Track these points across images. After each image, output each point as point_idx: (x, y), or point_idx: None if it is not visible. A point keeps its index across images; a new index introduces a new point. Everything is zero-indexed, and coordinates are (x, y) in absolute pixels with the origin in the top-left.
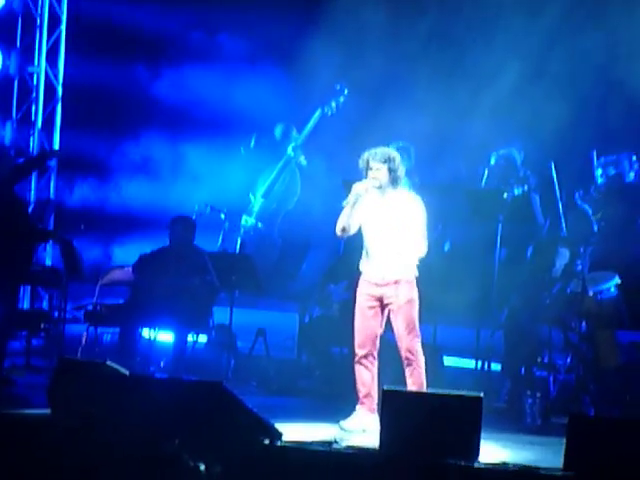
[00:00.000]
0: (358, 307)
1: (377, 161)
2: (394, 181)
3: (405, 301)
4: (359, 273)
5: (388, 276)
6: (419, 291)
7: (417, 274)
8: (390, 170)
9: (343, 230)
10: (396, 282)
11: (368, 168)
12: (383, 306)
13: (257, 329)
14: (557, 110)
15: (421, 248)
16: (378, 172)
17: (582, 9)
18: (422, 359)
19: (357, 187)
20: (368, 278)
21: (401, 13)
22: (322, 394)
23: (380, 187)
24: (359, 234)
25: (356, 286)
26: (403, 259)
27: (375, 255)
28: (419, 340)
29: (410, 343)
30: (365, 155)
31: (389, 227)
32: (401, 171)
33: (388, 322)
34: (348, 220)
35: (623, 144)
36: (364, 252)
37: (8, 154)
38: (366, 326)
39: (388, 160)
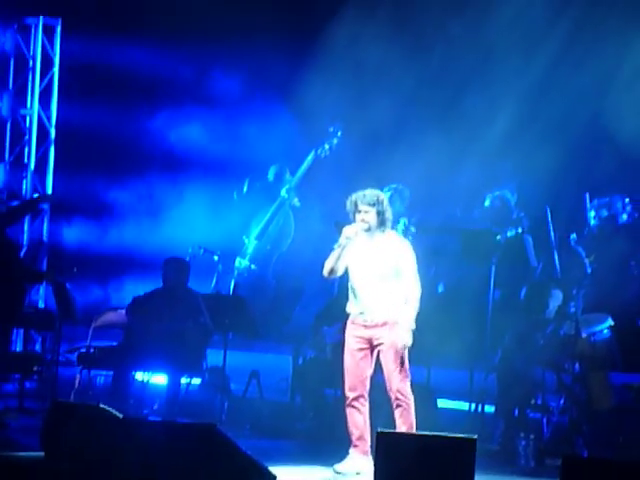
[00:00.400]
0: (347, 349)
1: (365, 204)
2: (382, 223)
3: (394, 341)
4: (347, 315)
5: (377, 318)
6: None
7: None
8: (378, 213)
9: (330, 272)
10: (384, 324)
11: (356, 211)
12: (372, 347)
13: (251, 371)
14: (550, 152)
15: (415, 289)
16: (367, 215)
17: (574, 54)
18: (412, 400)
19: (347, 230)
20: (356, 320)
21: (396, 56)
22: (316, 436)
23: (369, 230)
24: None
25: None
26: (391, 301)
27: (363, 297)
28: (409, 381)
29: (400, 384)
30: (353, 197)
31: (377, 270)
32: (389, 213)
33: (377, 363)
34: (336, 262)
35: (615, 186)
36: (351, 294)
37: (0, 197)
38: (356, 368)
39: (376, 203)
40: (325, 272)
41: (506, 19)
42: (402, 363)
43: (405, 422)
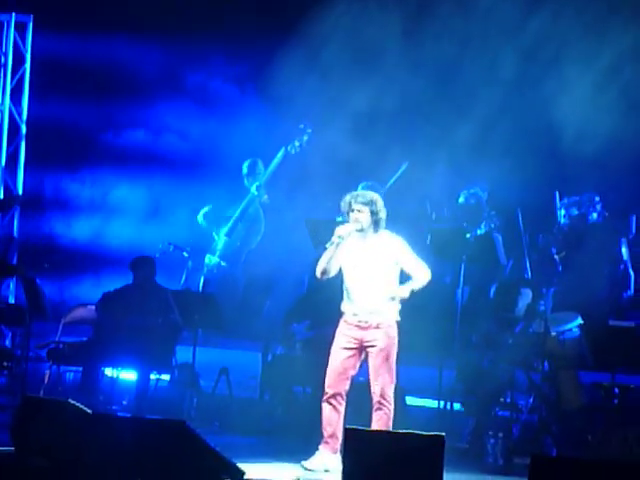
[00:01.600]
0: (335, 346)
1: (359, 203)
2: (376, 224)
3: (385, 345)
4: (340, 313)
5: (370, 319)
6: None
7: (399, 318)
8: (372, 212)
9: (324, 272)
10: (378, 326)
11: (350, 210)
12: (362, 349)
13: (220, 368)
14: (521, 151)
15: (427, 271)
16: (360, 214)
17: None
18: (392, 407)
19: (339, 230)
20: (349, 320)
21: (364, 55)
22: (284, 433)
23: (362, 230)
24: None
25: (321, 325)
26: (386, 303)
27: (357, 298)
28: (393, 386)
29: (385, 388)
30: (347, 197)
31: (371, 270)
32: (383, 214)
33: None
34: (329, 262)
35: (585, 185)
36: (345, 294)
37: None
38: (340, 366)
39: (370, 203)
40: (318, 273)
41: (477, 22)
42: (392, 366)
43: (382, 427)
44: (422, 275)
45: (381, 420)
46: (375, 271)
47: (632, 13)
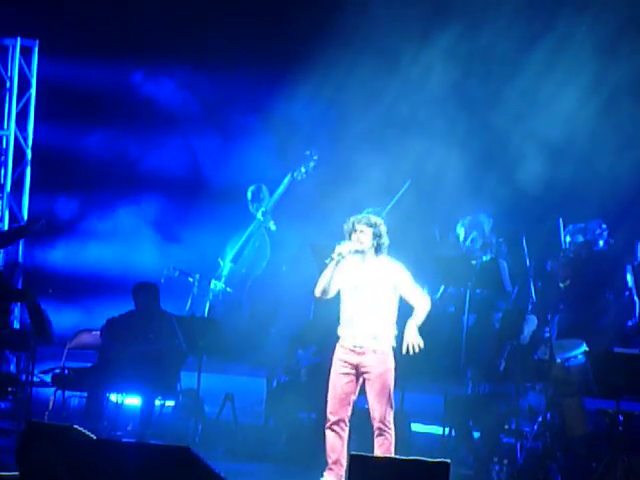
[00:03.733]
0: (333, 373)
1: (363, 224)
2: (377, 248)
3: (382, 371)
4: (336, 338)
5: (366, 345)
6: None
7: (395, 344)
8: (375, 235)
9: (323, 292)
10: (374, 351)
11: (353, 230)
12: (359, 374)
13: (225, 394)
14: (526, 176)
15: (426, 301)
16: (362, 235)
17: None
18: (393, 431)
19: (340, 247)
20: (346, 345)
21: (370, 79)
22: (289, 460)
23: (363, 251)
24: (331, 300)
25: (326, 351)
26: (382, 328)
27: (354, 322)
28: (392, 411)
29: (384, 414)
30: (352, 219)
31: (370, 295)
32: (385, 240)
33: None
34: (329, 282)
35: (591, 212)
36: (342, 318)
37: None
38: (340, 392)
39: (374, 225)
40: (317, 292)
41: (481, 50)
42: (389, 391)
43: (385, 453)
44: (422, 303)
45: (383, 445)
46: (374, 295)
47: None
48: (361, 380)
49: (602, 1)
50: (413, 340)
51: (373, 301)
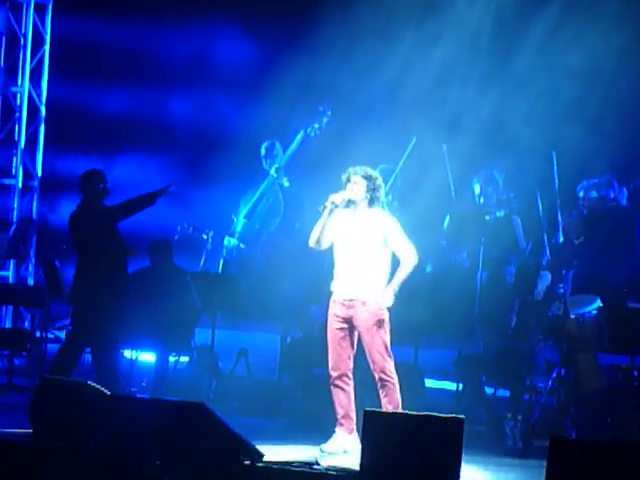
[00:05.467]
0: (329, 328)
1: (358, 175)
2: (371, 200)
3: (374, 322)
4: (329, 293)
5: (356, 296)
6: (398, 312)
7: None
8: (368, 187)
9: (317, 242)
10: (364, 303)
11: (348, 181)
12: (352, 326)
13: (239, 350)
14: (540, 132)
15: (413, 253)
16: (356, 186)
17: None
18: (396, 379)
19: (333, 196)
20: (337, 298)
21: (384, 35)
22: (303, 415)
23: (355, 202)
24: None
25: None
26: (373, 280)
27: (345, 275)
28: (392, 360)
29: (383, 364)
30: (349, 169)
31: (360, 246)
32: (380, 194)
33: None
34: (322, 232)
35: (603, 166)
36: (335, 271)
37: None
38: (337, 347)
39: (369, 178)
40: (311, 242)
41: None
42: (384, 342)
43: (391, 401)
44: (409, 258)
45: (388, 395)
46: (363, 245)
47: None
48: (357, 333)
49: None
50: (386, 300)
51: (363, 252)
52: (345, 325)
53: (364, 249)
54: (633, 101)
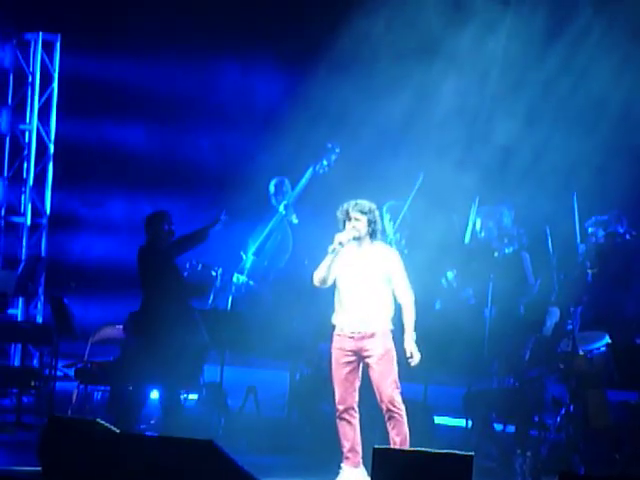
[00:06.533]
0: (334, 362)
1: (357, 211)
2: (372, 234)
3: (383, 352)
4: (332, 327)
5: (364, 329)
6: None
7: (392, 327)
8: (369, 222)
9: (322, 281)
10: (372, 335)
11: (347, 219)
12: (359, 359)
13: (247, 387)
14: (550, 167)
15: (410, 294)
16: (358, 222)
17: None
18: (404, 410)
19: (339, 236)
20: (343, 332)
21: (393, 70)
22: (313, 452)
23: (359, 238)
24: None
25: None
26: (380, 311)
27: (350, 308)
28: (399, 391)
29: (391, 395)
30: (345, 206)
31: (366, 279)
32: (379, 225)
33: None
34: (327, 271)
35: (611, 203)
36: (338, 305)
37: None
38: (344, 381)
39: (368, 212)
40: (316, 281)
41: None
42: (393, 373)
43: (399, 433)
44: (407, 301)
45: (396, 427)
46: (370, 280)
47: None
48: (362, 365)
49: None
50: (415, 358)
51: (370, 286)
52: (353, 358)
53: (370, 283)
54: None
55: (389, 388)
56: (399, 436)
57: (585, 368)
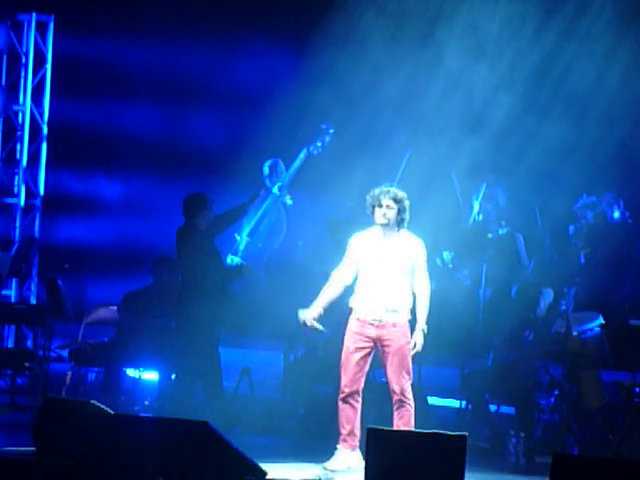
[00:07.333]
0: (348, 345)
1: (390, 199)
2: (400, 223)
3: (402, 344)
4: (350, 310)
5: (386, 318)
6: None
7: (410, 317)
8: (399, 211)
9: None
10: (394, 324)
11: (378, 205)
12: (376, 347)
13: (242, 368)
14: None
15: (428, 289)
16: (389, 210)
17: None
18: (413, 403)
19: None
20: (363, 317)
21: (386, 54)
22: (306, 433)
23: (387, 225)
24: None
25: (343, 325)
26: (402, 301)
27: (374, 296)
28: (411, 382)
29: (404, 385)
30: (376, 191)
31: (391, 269)
32: (407, 215)
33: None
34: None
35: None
36: (360, 291)
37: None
38: (355, 365)
39: (399, 200)
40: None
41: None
42: (409, 364)
43: (405, 424)
44: (426, 292)
45: (404, 417)
46: (395, 269)
47: None
48: (377, 352)
49: None
50: (418, 345)
51: (394, 275)
52: (369, 344)
53: (395, 272)
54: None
55: (403, 379)
56: (405, 427)
57: (579, 349)
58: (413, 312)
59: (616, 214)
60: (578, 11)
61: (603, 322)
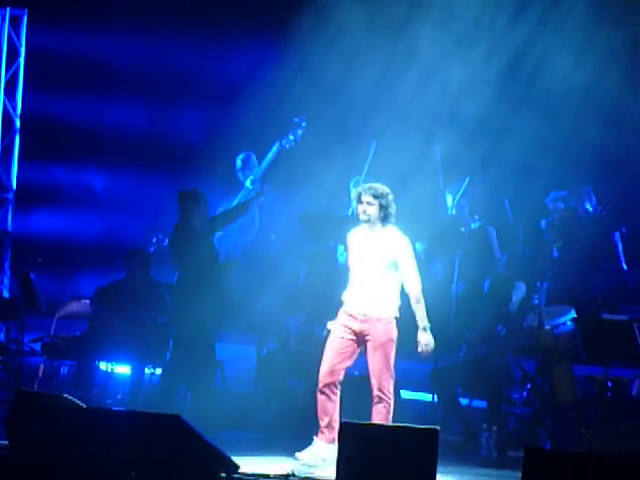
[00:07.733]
0: (334, 336)
1: (369, 195)
2: (384, 218)
3: (385, 340)
4: (340, 303)
5: (370, 313)
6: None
7: (398, 315)
8: (381, 206)
9: None
10: (378, 320)
11: (358, 202)
12: (360, 341)
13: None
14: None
15: (418, 284)
16: (369, 207)
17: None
18: (392, 400)
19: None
20: (350, 311)
21: (360, 48)
22: (279, 427)
23: (369, 221)
24: (319, 268)
25: (315, 319)
26: (385, 297)
27: (359, 290)
28: (392, 381)
29: (384, 382)
30: (358, 188)
31: (373, 263)
32: (392, 209)
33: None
34: None
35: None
36: (350, 284)
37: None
38: (337, 356)
39: (380, 196)
40: None
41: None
42: (391, 361)
43: (382, 421)
44: (415, 289)
45: (380, 414)
46: (376, 265)
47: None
48: (360, 348)
49: None
50: (424, 346)
51: (379, 271)
52: (353, 338)
53: (376, 267)
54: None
55: (384, 376)
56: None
57: (551, 343)
58: (410, 312)
59: (588, 207)
60: (551, 6)
61: (575, 316)
